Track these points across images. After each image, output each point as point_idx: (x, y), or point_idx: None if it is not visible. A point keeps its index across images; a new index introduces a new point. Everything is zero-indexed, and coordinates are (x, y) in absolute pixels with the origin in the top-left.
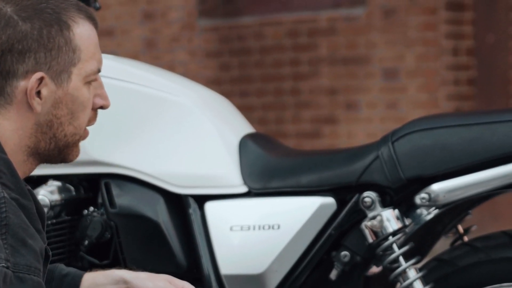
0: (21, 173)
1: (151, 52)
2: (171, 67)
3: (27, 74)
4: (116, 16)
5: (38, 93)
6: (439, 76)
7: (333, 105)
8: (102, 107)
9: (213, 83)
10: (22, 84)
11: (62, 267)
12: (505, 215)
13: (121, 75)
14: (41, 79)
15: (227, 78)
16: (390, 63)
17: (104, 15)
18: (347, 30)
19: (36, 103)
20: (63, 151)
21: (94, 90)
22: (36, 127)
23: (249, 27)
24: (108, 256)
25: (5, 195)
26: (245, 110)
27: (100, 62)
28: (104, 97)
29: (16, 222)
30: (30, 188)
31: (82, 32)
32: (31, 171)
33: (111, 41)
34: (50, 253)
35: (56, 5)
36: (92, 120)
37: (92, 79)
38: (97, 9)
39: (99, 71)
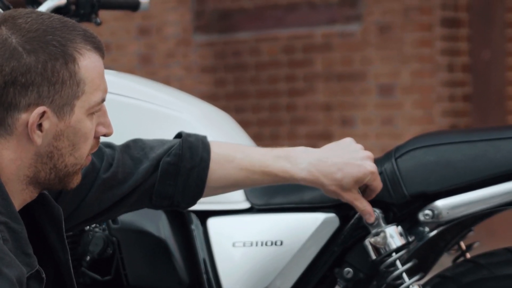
0: (21, 200)
1: (146, 68)
2: (166, 83)
3: (29, 107)
4: (112, 32)
5: (39, 126)
6: (434, 93)
7: (328, 121)
8: (104, 135)
9: (209, 99)
10: (23, 116)
11: (186, 160)
12: (500, 231)
13: (123, 90)
14: (43, 113)
15: (223, 93)
16: (385, 79)
17: (100, 30)
18: (342, 46)
19: (37, 136)
20: (63, 180)
21: (98, 119)
22: (36, 158)
23: (245, 42)
24: (110, 272)
25: None
26: (241, 125)
27: (105, 91)
28: (107, 125)
29: None
30: (46, 192)
31: (88, 64)
32: (32, 198)
33: (107, 56)
34: (44, 275)
35: (63, 37)
36: (94, 148)
37: (95, 110)
38: (98, 24)
39: (103, 101)
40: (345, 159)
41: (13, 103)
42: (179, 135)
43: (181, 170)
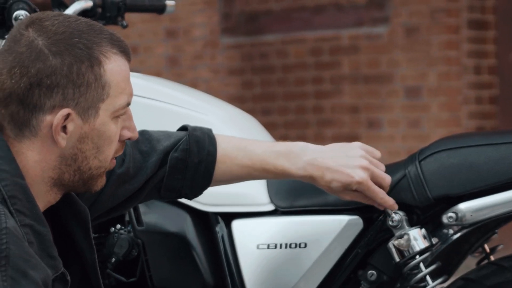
0: (45, 202)
1: (174, 70)
2: (193, 85)
3: (53, 109)
4: (140, 34)
5: (64, 128)
6: (461, 95)
7: (355, 123)
8: (129, 139)
9: (236, 101)
10: (48, 118)
11: (194, 154)
12: None
13: (148, 93)
14: (67, 115)
15: (250, 95)
16: (412, 81)
17: (128, 32)
18: (369, 48)
19: (61, 138)
20: (87, 182)
21: (122, 123)
22: (60, 160)
23: (272, 45)
24: (135, 274)
25: (8, 225)
26: (267, 127)
27: (130, 95)
28: (132, 129)
29: (17, 253)
30: (73, 193)
31: (113, 68)
32: (56, 200)
33: (135, 58)
34: (69, 277)
35: (89, 39)
36: (118, 151)
37: (120, 113)
38: (124, 27)
39: (128, 104)
40: (338, 163)
41: (38, 105)
42: (183, 128)
43: (189, 165)
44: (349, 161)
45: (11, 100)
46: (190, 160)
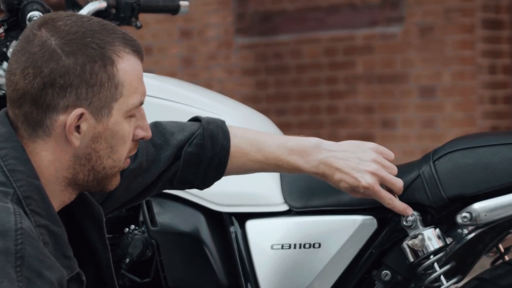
0: (60, 202)
1: (188, 70)
2: (208, 85)
3: (67, 108)
4: (154, 34)
5: (77, 128)
6: (475, 94)
7: (369, 123)
8: (143, 138)
9: (250, 101)
10: (61, 118)
11: (208, 149)
12: None
13: (162, 93)
14: (81, 115)
15: (264, 95)
16: (426, 81)
17: (142, 33)
18: (383, 48)
19: (75, 138)
20: (101, 182)
21: (136, 122)
22: (74, 160)
23: (286, 45)
24: (149, 274)
25: (23, 225)
26: (282, 128)
27: (143, 95)
28: (145, 128)
29: (32, 254)
30: (86, 192)
31: (126, 67)
32: (70, 200)
33: (149, 59)
34: (84, 278)
35: (102, 39)
36: (132, 150)
37: (133, 113)
38: (138, 28)
39: (141, 104)
40: (348, 166)
41: (51, 105)
42: (196, 119)
43: (203, 159)
44: (360, 165)
45: (25, 100)
46: (204, 154)
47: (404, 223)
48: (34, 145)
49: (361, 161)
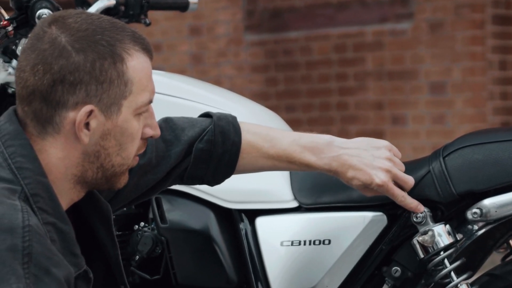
0: (69, 199)
1: (197, 67)
2: (217, 82)
3: (76, 105)
4: (163, 31)
5: (87, 125)
6: (486, 90)
7: (379, 119)
8: (151, 137)
9: (260, 98)
10: (71, 115)
11: (218, 145)
12: None
13: (172, 90)
14: (90, 112)
15: (274, 92)
16: (436, 77)
17: (151, 30)
18: (393, 44)
19: (84, 134)
20: (110, 179)
21: (145, 120)
22: (83, 157)
23: (296, 41)
24: (159, 271)
25: (30, 222)
26: (292, 124)
27: (152, 93)
28: (154, 127)
29: (39, 251)
30: (95, 190)
31: (136, 65)
32: (79, 198)
33: (158, 56)
34: (92, 275)
35: (111, 37)
36: (141, 149)
37: (142, 110)
38: (147, 25)
39: (150, 102)
40: (362, 162)
41: (61, 101)
42: (207, 115)
43: (213, 155)
44: (374, 162)
45: (34, 97)
46: (215, 150)
47: (414, 219)
48: (43, 142)
49: (374, 159)
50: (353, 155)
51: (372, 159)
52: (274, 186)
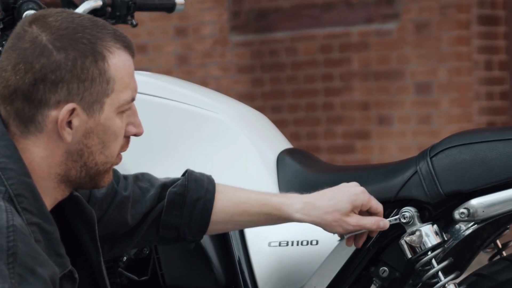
0: (53, 199)
1: (183, 68)
2: (203, 82)
3: (59, 104)
4: (149, 32)
5: (69, 123)
6: (472, 90)
7: (365, 119)
8: (135, 135)
9: (245, 98)
10: (53, 113)
11: (192, 191)
12: None
13: (158, 91)
14: (72, 110)
15: (259, 93)
16: (422, 77)
17: (137, 31)
18: (379, 45)
19: (67, 133)
20: (94, 178)
21: (127, 118)
22: (67, 156)
23: (281, 42)
24: (146, 272)
25: (14, 222)
26: (278, 125)
27: (134, 90)
28: (137, 125)
29: (24, 251)
30: (78, 194)
31: (117, 62)
32: (63, 197)
33: (144, 57)
34: (77, 275)
35: (92, 35)
36: (124, 147)
37: (125, 108)
38: (134, 26)
39: (133, 100)
40: (334, 190)
41: (43, 100)
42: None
43: (187, 201)
44: (345, 187)
45: (16, 96)
46: (189, 195)
47: (402, 219)
48: (26, 142)
49: (342, 186)
50: (319, 197)
51: (340, 187)
52: (262, 187)
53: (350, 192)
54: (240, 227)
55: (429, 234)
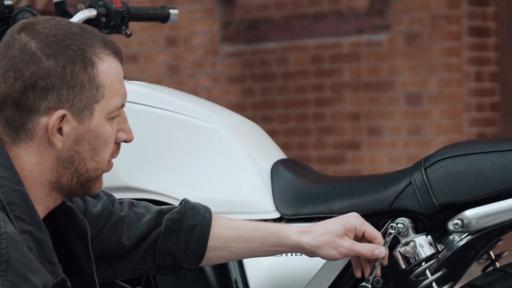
0: (45, 207)
1: (174, 78)
2: (194, 93)
3: (49, 110)
4: (140, 42)
5: (60, 130)
6: (462, 102)
7: (356, 130)
8: (125, 141)
9: (236, 109)
10: (43, 120)
11: (189, 218)
12: None
13: (153, 101)
14: (63, 117)
15: (250, 103)
16: (413, 88)
17: (128, 41)
18: (370, 56)
19: (57, 140)
20: (85, 185)
21: (118, 125)
22: (57, 163)
23: (272, 52)
24: (140, 282)
25: (7, 230)
26: (268, 135)
27: (124, 97)
28: (128, 131)
29: (17, 258)
30: (70, 204)
31: (107, 69)
32: (55, 205)
33: (135, 66)
34: (69, 283)
35: (81, 41)
36: (114, 153)
37: (115, 114)
38: (128, 36)
39: (123, 106)
40: (330, 219)
41: (33, 107)
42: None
43: (184, 227)
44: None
45: (6, 104)
46: (185, 222)
47: (396, 230)
48: (16, 149)
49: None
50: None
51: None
52: (256, 197)
53: (343, 217)
54: (236, 255)
55: (423, 245)
